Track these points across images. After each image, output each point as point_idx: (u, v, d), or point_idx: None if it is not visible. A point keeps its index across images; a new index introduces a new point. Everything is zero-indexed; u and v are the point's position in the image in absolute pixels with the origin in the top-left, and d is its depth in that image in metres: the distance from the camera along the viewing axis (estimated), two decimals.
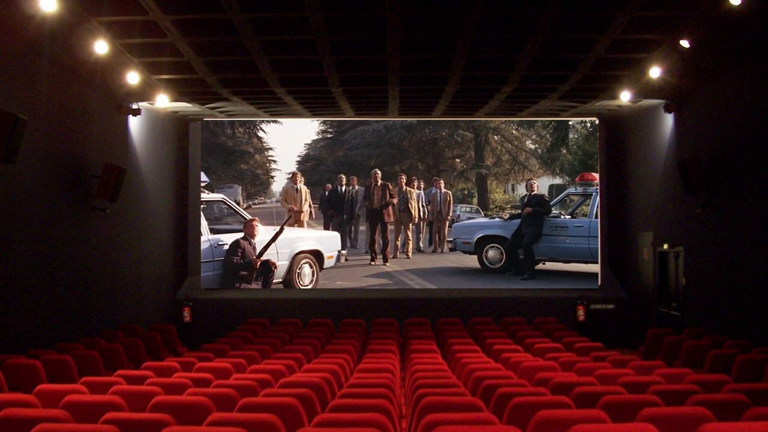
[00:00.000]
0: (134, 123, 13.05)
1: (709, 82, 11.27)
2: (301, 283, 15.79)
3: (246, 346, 9.87)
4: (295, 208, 16.48)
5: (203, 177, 16.00)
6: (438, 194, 17.07)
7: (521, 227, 16.20)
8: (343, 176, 16.96)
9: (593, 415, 4.82)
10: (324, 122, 17.22)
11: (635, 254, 14.75)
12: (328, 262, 16.23)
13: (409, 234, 16.95)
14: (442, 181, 17.22)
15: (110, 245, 12.12)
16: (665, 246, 13.27)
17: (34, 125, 9.05)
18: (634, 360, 8.58)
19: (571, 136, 17.46)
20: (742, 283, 10.46)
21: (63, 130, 10.57)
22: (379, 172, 16.75)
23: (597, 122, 15.90)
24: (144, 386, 6.23)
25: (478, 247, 16.56)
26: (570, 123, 16.82)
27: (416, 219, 16.95)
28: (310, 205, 16.65)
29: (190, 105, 13.70)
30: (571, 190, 16.74)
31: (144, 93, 12.03)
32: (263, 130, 17.37)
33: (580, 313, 14.97)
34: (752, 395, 5.50)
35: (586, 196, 16.26)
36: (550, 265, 16.24)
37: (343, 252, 16.55)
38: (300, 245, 16.01)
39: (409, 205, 16.81)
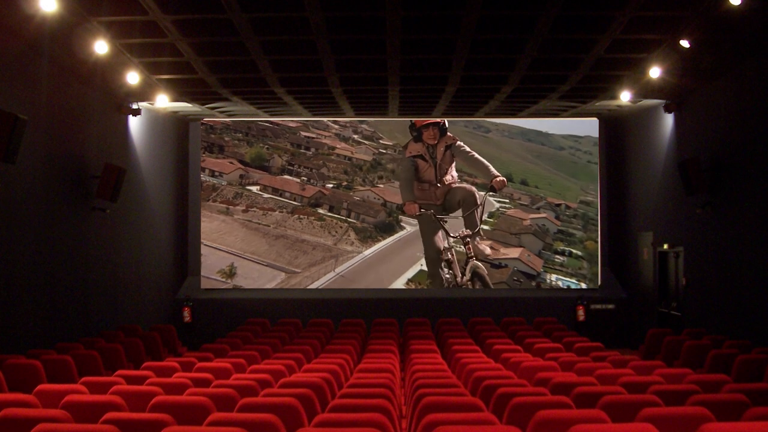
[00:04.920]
0: (134, 123, 13.05)
1: (709, 82, 11.27)
2: None
3: (246, 346, 9.87)
4: None
5: None
6: None
7: None
8: None
9: (593, 415, 4.82)
10: None
11: (635, 254, 14.75)
12: None
13: None
14: None
15: (110, 245, 12.12)
16: (665, 246, 13.27)
17: (34, 125, 9.05)
18: (634, 360, 8.58)
19: None
20: (742, 283, 10.46)
21: (63, 130, 10.57)
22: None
23: None
24: (144, 386, 6.23)
25: None
26: None
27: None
28: None
29: (190, 105, 13.70)
30: None
31: (144, 93, 12.03)
32: None
33: (580, 313, 14.97)
34: (752, 395, 5.50)
35: None
36: None
37: None
38: None
39: None
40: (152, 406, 5.29)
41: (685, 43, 9.34)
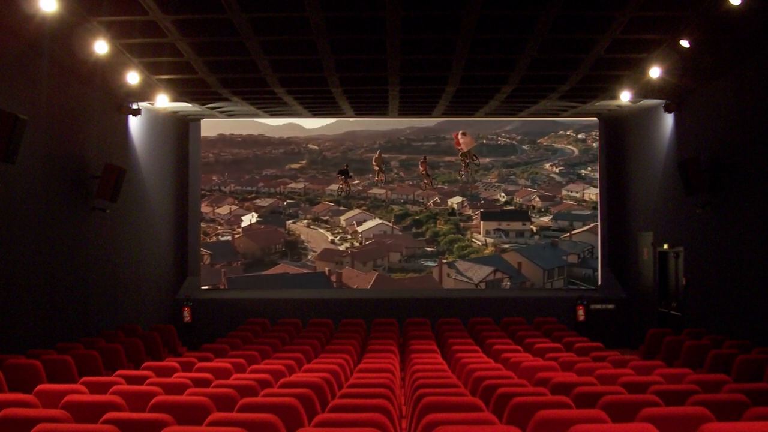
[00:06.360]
0: (134, 123, 13.05)
1: (709, 82, 11.27)
2: None
3: (246, 346, 9.87)
4: None
5: None
6: None
7: None
8: None
9: (593, 415, 4.82)
10: None
11: (635, 254, 14.75)
12: None
13: None
14: None
15: (110, 245, 12.12)
16: (665, 246, 13.27)
17: (34, 125, 9.05)
18: (634, 360, 8.58)
19: None
20: (742, 283, 10.46)
21: (63, 130, 10.57)
22: None
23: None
24: (144, 386, 6.23)
25: None
26: None
27: None
28: None
29: (190, 105, 13.70)
30: None
31: (144, 93, 12.03)
32: None
33: (580, 313, 14.97)
34: (752, 395, 5.50)
35: None
36: None
37: None
38: None
39: None
40: (152, 406, 5.28)
41: (685, 43, 9.33)
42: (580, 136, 16.51)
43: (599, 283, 15.67)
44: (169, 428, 4.45)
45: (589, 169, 16.31)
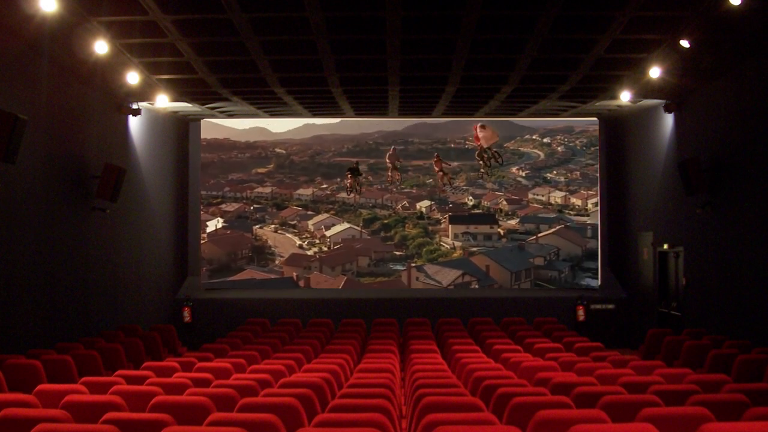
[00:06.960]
0: (134, 123, 13.05)
1: (709, 82, 11.27)
2: None
3: (246, 346, 9.87)
4: None
5: None
6: None
7: None
8: None
9: (593, 415, 4.82)
10: None
11: (635, 254, 14.75)
12: None
13: None
14: None
15: (110, 245, 12.12)
16: (665, 246, 13.27)
17: (34, 125, 9.05)
18: (634, 360, 8.58)
19: None
20: (742, 283, 10.46)
21: (63, 130, 10.57)
22: None
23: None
24: (144, 386, 6.23)
25: None
26: None
27: None
28: None
29: (190, 105, 13.70)
30: None
31: (144, 93, 12.03)
32: None
33: (580, 313, 14.97)
34: (752, 395, 5.50)
35: None
36: None
37: None
38: None
39: None
40: (152, 406, 5.28)
41: (685, 43, 9.34)
42: (545, 140, 16.63)
43: (599, 283, 15.67)
44: (169, 428, 4.45)
45: (554, 172, 16.43)
